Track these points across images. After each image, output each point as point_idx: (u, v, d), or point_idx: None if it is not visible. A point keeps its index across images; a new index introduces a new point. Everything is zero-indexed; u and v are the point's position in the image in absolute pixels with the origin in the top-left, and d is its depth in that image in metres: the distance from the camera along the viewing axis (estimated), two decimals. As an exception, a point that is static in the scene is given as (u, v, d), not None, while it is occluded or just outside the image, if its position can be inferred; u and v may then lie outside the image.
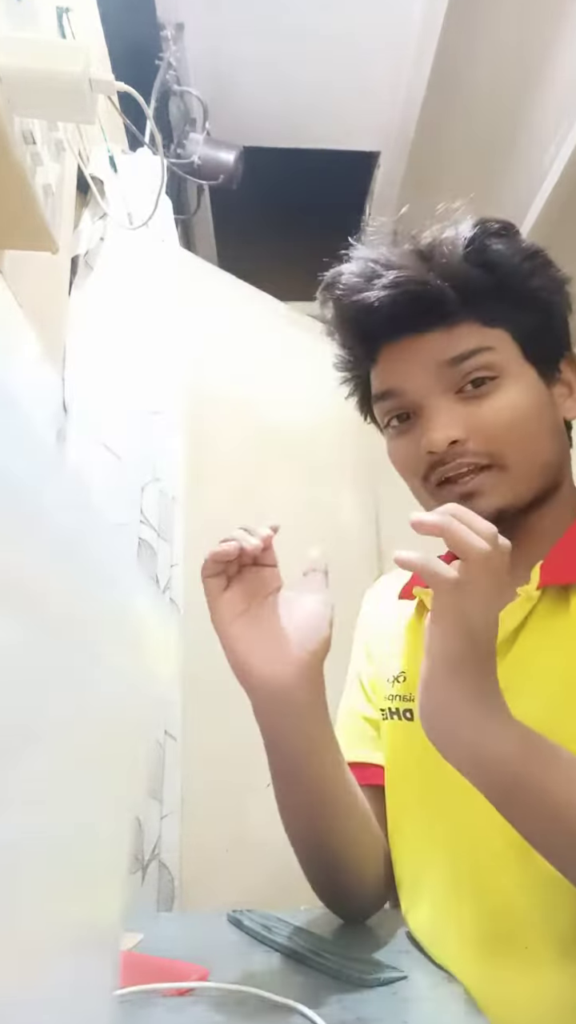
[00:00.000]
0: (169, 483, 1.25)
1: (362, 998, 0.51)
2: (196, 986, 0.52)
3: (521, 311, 0.64)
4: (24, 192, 0.75)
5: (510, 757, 0.47)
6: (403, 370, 0.65)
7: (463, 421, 0.61)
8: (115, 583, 0.25)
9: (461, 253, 0.63)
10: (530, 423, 0.62)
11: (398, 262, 0.63)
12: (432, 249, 0.64)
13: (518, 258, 0.65)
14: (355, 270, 0.65)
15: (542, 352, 0.65)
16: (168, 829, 1.16)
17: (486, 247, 0.63)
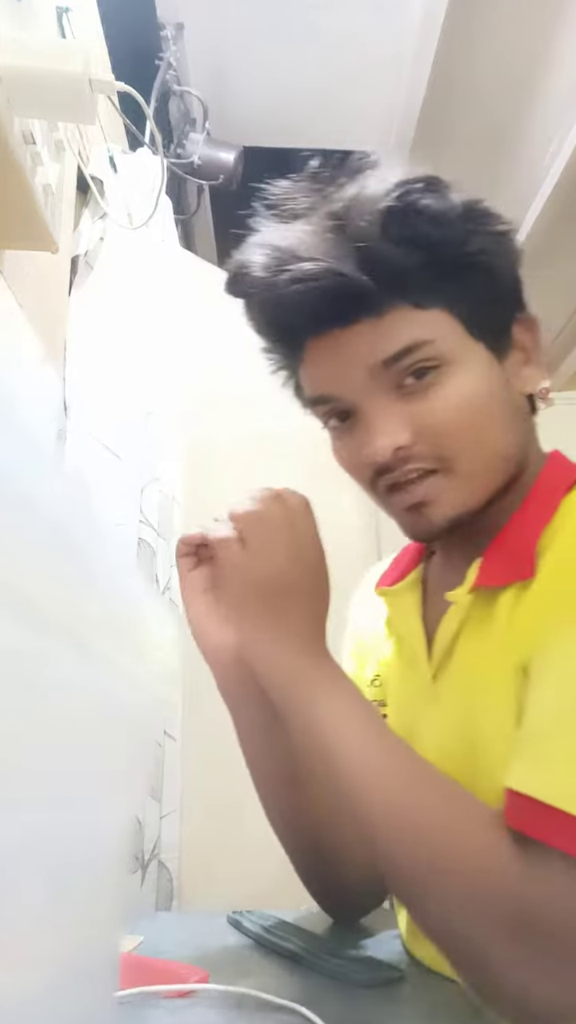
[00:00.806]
0: (169, 483, 1.25)
1: (362, 999, 0.51)
2: (196, 988, 0.52)
3: (460, 283, 0.55)
4: (24, 192, 0.75)
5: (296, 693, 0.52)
6: (333, 373, 0.57)
7: (407, 422, 0.55)
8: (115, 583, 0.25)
9: (379, 230, 0.53)
10: (482, 414, 0.56)
11: (308, 249, 0.53)
12: (347, 225, 0.54)
13: (449, 221, 0.55)
14: (261, 261, 0.55)
15: (489, 323, 0.57)
16: (168, 829, 1.16)
17: (410, 217, 0.54)
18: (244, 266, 0.57)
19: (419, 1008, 0.52)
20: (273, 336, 0.62)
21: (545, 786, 0.44)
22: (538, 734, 0.48)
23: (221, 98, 1.80)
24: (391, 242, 0.53)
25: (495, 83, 1.71)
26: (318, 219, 0.56)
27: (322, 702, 0.52)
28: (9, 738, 0.18)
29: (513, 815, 0.45)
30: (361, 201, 0.54)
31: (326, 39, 1.68)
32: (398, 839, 0.48)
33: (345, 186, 0.56)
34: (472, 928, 0.44)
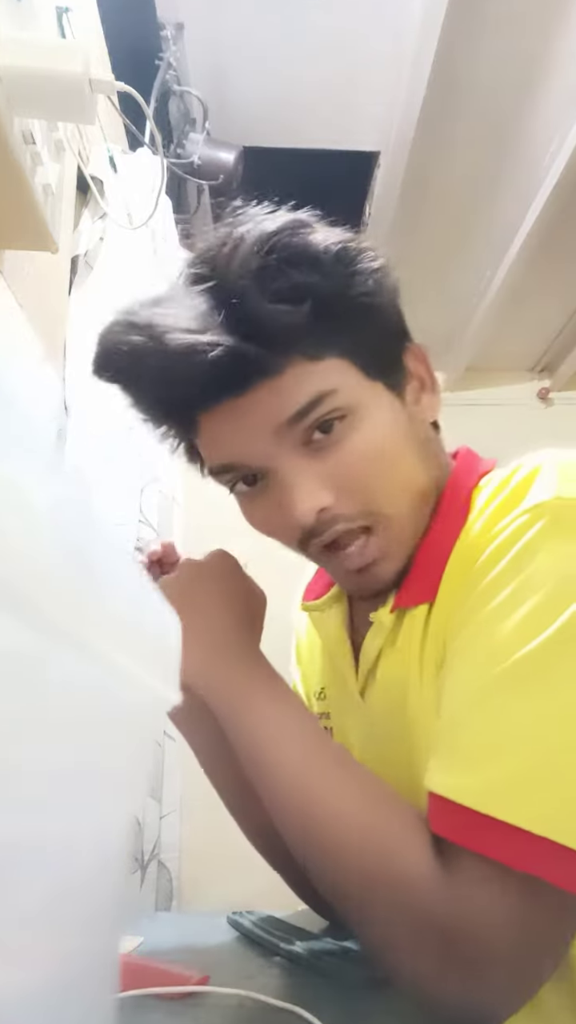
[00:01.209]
0: (169, 483, 1.25)
1: (361, 1000, 0.51)
2: (196, 990, 0.52)
3: (349, 328, 0.53)
4: (24, 192, 0.75)
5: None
6: (235, 440, 0.53)
7: (325, 480, 0.52)
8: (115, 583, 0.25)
9: (257, 291, 0.50)
10: (396, 457, 0.54)
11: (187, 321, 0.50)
12: (222, 287, 0.51)
13: (326, 267, 0.52)
14: (136, 341, 0.51)
15: (383, 361, 0.56)
16: (167, 829, 1.16)
17: (285, 271, 0.51)
18: (113, 350, 0.53)
19: (419, 1009, 0.52)
20: (160, 415, 0.59)
21: (461, 788, 0.43)
22: (448, 731, 0.47)
23: (221, 98, 1.80)
24: (273, 300, 0.50)
25: (495, 83, 1.71)
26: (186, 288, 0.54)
27: (255, 708, 0.53)
28: (8, 738, 0.18)
29: (435, 819, 0.45)
30: (233, 261, 0.51)
31: (326, 39, 1.68)
32: (325, 846, 0.47)
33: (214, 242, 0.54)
34: (400, 936, 0.44)
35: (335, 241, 0.53)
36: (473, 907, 0.42)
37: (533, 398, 2.89)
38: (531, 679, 0.43)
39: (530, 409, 2.87)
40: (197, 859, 1.25)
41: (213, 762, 0.67)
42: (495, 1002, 0.42)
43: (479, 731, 0.44)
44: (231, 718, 0.54)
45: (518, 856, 0.40)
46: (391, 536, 0.55)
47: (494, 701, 0.44)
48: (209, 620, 0.57)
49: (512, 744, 0.42)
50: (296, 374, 0.51)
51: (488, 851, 0.41)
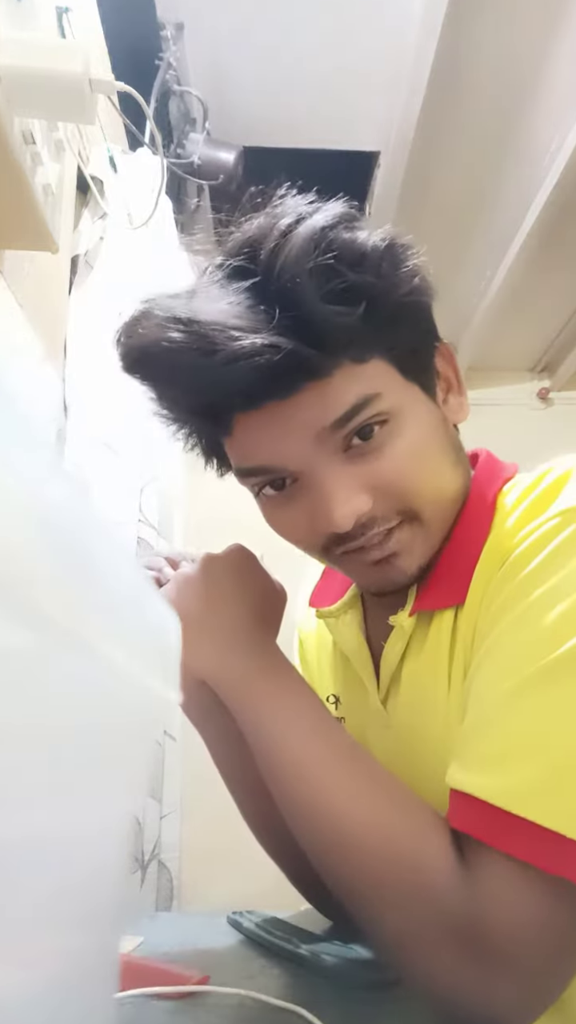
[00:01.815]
0: (169, 482, 1.25)
1: (362, 1000, 0.51)
2: (196, 990, 0.52)
3: (394, 330, 0.52)
4: (24, 192, 0.75)
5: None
6: (272, 443, 0.51)
7: (363, 485, 0.51)
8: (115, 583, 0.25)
9: (314, 291, 0.48)
10: (434, 460, 0.54)
11: (235, 317, 0.47)
12: (271, 286, 0.48)
13: (377, 266, 0.51)
14: (178, 339, 0.48)
15: (420, 362, 0.55)
16: (168, 829, 1.16)
17: (339, 271, 0.49)
18: (152, 346, 0.49)
19: (419, 1009, 0.52)
20: (190, 413, 0.57)
21: (489, 786, 0.42)
22: (476, 729, 0.46)
23: (221, 98, 1.80)
24: (328, 301, 0.48)
25: (495, 83, 1.71)
26: (224, 283, 0.51)
27: (269, 703, 0.53)
28: (8, 738, 0.18)
29: (456, 815, 0.44)
30: (282, 257, 0.48)
31: (326, 39, 1.68)
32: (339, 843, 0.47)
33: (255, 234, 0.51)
34: (417, 935, 0.43)
35: (383, 237, 0.52)
36: (496, 907, 0.41)
37: (533, 398, 2.89)
38: (563, 680, 0.42)
39: (530, 409, 2.87)
40: (197, 859, 1.25)
41: (226, 757, 0.67)
42: (514, 1005, 0.41)
43: (509, 731, 0.44)
44: (245, 712, 0.54)
45: (546, 857, 0.40)
46: (416, 533, 0.54)
47: (525, 701, 0.43)
48: (225, 614, 0.57)
49: (542, 745, 0.42)
50: (343, 377, 0.50)
51: (515, 851, 0.41)
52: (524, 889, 0.41)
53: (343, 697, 0.69)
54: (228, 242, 0.53)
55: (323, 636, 0.73)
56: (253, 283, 0.49)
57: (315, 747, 0.50)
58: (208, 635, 0.56)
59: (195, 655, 0.55)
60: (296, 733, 0.51)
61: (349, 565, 0.56)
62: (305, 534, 0.55)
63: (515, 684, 0.44)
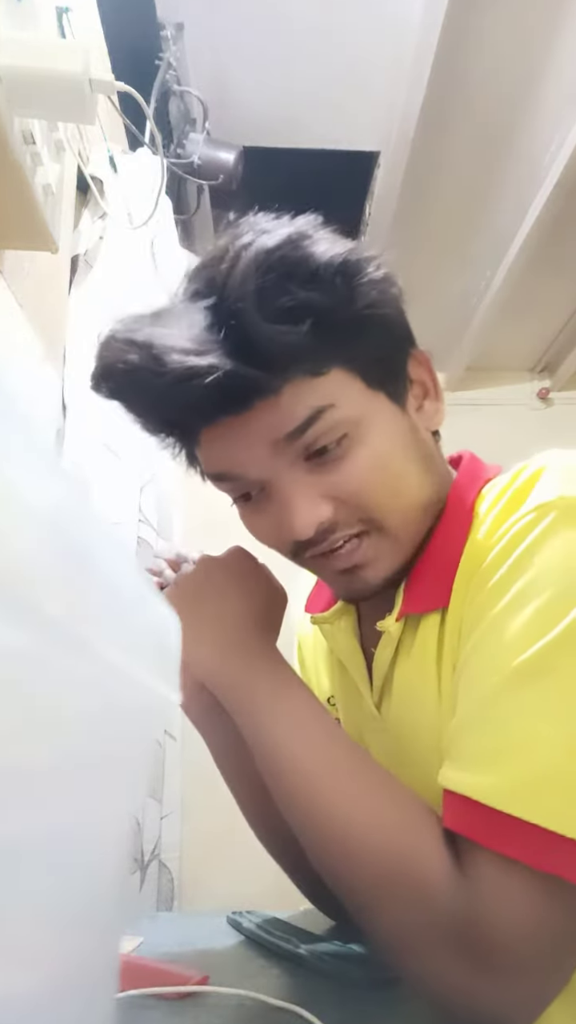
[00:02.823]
0: (169, 482, 1.25)
1: (362, 1000, 0.51)
2: (196, 990, 0.52)
3: (353, 342, 0.52)
4: (24, 192, 0.75)
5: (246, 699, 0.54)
6: (233, 454, 0.53)
7: (324, 493, 0.52)
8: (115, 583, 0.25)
9: (258, 311, 0.48)
10: (398, 471, 0.54)
11: (185, 342, 0.49)
12: (221, 307, 0.50)
13: (328, 282, 0.50)
14: (134, 360, 0.49)
15: (385, 370, 0.55)
16: (168, 829, 1.16)
17: (286, 290, 0.49)
18: (112, 367, 0.51)
19: (419, 1009, 0.52)
20: (160, 428, 0.59)
21: (479, 786, 0.43)
22: (463, 728, 0.46)
23: (221, 98, 1.80)
24: (273, 321, 0.48)
25: (495, 83, 1.71)
26: (186, 304, 0.52)
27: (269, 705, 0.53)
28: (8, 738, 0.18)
29: (452, 817, 0.44)
30: (231, 278, 0.49)
31: (326, 39, 1.68)
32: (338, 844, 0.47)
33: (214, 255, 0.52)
34: (414, 935, 0.44)
35: (337, 253, 0.51)
36: (491, 907, 0.41)
37: (533, 398, 2.89)
38: (545, 676, 0.43)
39: (530, 409, 2.87)
40: (197, 859, 1.25)
41: (227, 757, 0.67)
42: (511, 1003, 0.41)
43: (495, 729, 0.44)
44: (245, 715, 0.54)
45: (539, 855, 0.40)
46: (383, 543, 0.54)
47: (509, 699, 0.44)
48: (225, 616, 0.58)
49: (529, 742, 0.42)
50: (295, 391, 0.50)
51: (508, 850, 0.41)
52: (517, 888, 0.41)
53: (340, 700, 0.70)
54: (196, 259, 0.54)
55: (319, 640, 0.74)
56: (208, 305, 0.51)
57: (314, 748, 0.51)
58: (208, 637, 0.56)
59: (195, 657, 0.55)
60: (296, 735, 0.51)
61: (320, 571, 0.59)
62: (275, 541, 0.57)
63: (497, 682, 0.44)
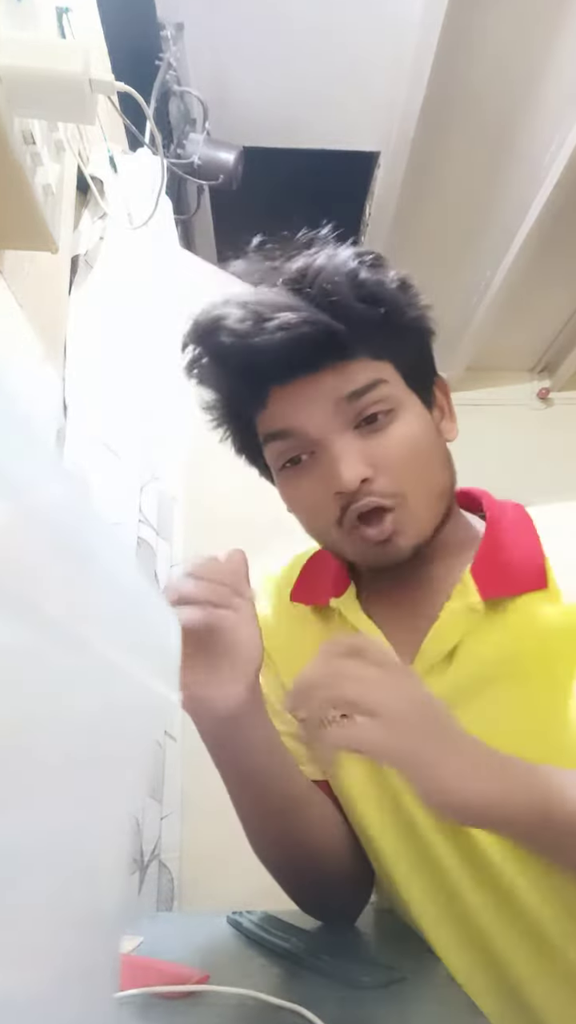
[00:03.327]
0: (169, 483, 1.25)
1: (362, 1000, 0.51)
2: (196, 989, 0.52)
3: (402, 342, 0.65)
4: (24, 192, 0.75)
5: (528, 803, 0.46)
6: (298, 410, 0.62)
7: (368, 458, 0.61)
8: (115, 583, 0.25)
9: (348, 289, 0.61)
10: (426, 453, 0.63)
11: (284, 302, 0.60)
12: (314, 285, 0.61)
13: (395, 290, 0.64)
14: (238, 315, 0.60)
15: (421, 380, 0.66)
16: (168, 829, 1.16)
17: (369, 280, 0.62)
18: (220, 319, 0.61)
19: (420, 1009, 0.52)
20: (237, 385, 0.66)
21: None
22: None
23: (221, 98, 1.80)
24: (357, 300, 0.61)
25: (495, 83, 1.71)
26: (282, 284, 0.62)
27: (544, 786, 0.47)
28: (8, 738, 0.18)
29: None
30: (323, 268, 0.61)
31: (326, 39, 1.68)
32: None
33: (293, 259, 0.63)
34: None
35: (398, 274, 0.65)
36: None
37: (533, 398, 2.89)
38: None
39: (530, 409, 2.87)
40: (197, 859, 1.25)
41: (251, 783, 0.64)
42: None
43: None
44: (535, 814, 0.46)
45: None
46: (407, 516, 0.62)
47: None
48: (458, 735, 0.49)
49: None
50: (359, 366, 0.62)
51: None
52: None
53: None
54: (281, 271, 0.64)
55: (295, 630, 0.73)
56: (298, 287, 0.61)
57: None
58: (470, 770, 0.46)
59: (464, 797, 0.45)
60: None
61: (354, 542, 0.63)
62: (319, 499, 0.63)
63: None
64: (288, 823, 0.65)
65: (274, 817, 0.64)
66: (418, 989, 0.55)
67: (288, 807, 0.64)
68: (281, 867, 0.68)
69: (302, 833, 0.66)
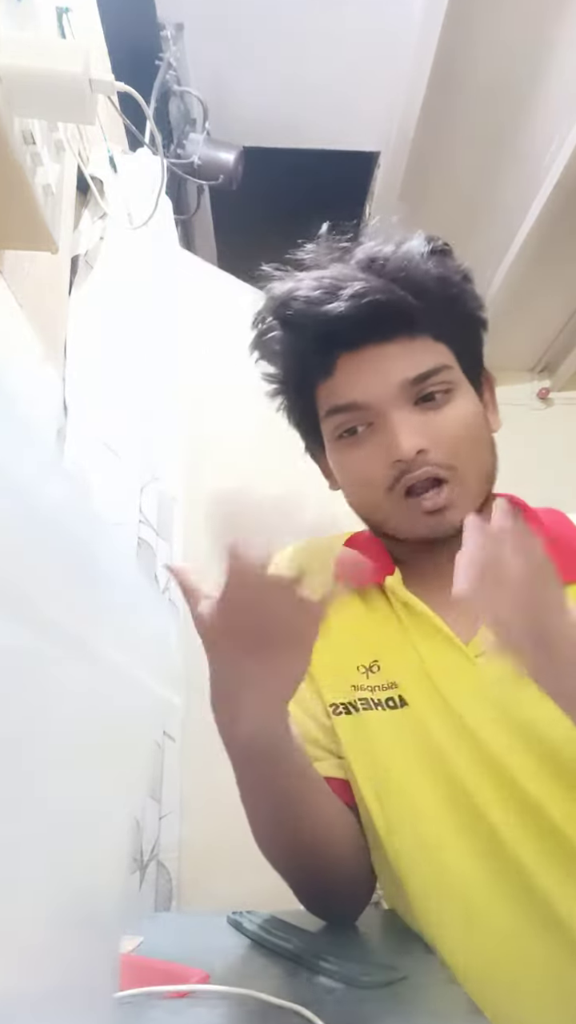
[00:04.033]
0: (169, 483, 1.25)
1: (362, 1000, 0.51)
2: (196, 989, 0.52)
3: (463, 329, 0.68)
4: (24, 192, 0.75)
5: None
6: (366, 383, 0.65)
7: (425, 431, 0.64)
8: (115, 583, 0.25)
9: (420, 268, 0.65)
10: (478, 434, 0.67)
11: (357, 275, 0.64)
12: (388, 262, 0.65)
13: (462, 278, 0.68)
14: (312, 284, 0.65)
15: (473, 369, 0.69)
16: (167, 829, 1.16)
17: (439, 264, 0.66)
18: (294, 290, 0.66)
19: (420, 1010, 0.52)
20: (307, 352, 0.68)
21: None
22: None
23: (221, 98, 1.80)
24: (430, 278, 0.65)
25: (495, 83, 1.71)
26: (355, 263, 0.66)
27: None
28: (9, 738, 0.18)
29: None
30: (398, 249, 0.66)
31: (326, 39, 1.68)
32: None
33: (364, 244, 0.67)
34: None
35: (464, 265, 0.70)
36: None
37: (533, 398, 2.89)
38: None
39: (530, 409, 2.87)
40: (197, 859, 1.25)
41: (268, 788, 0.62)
42: None
43: None
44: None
45: None
46: (460, 490, 0.65)
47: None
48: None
49: None
50: (425, 344, 0.65)
51: None
52: None
53: (389, 659, 0.69)
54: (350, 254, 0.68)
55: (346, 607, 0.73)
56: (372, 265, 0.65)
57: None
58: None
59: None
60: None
61: (406, 510, 0.65)
62: (375, 468, 0.65)
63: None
64: (300, 829, 0.64)
65: (287, 824, 0.64)
66: (418, 989, 0.54)
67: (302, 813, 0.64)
68: (289, 867, 0.68)
69: (312, 835, 0.65)
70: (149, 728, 0.30)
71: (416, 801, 0.65)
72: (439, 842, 0.64)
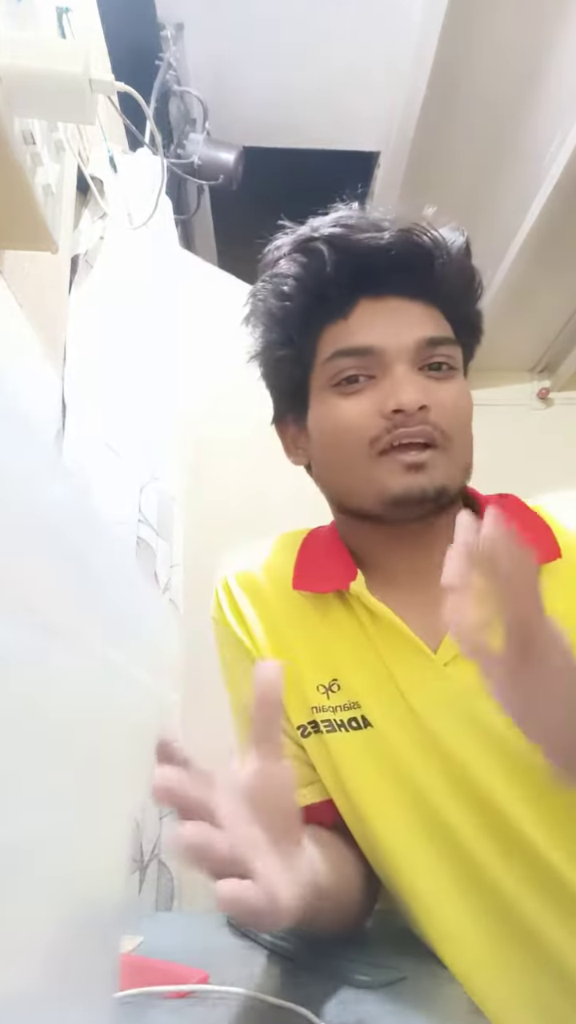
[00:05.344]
0: (169, 482, 1.25)
1: (362, 1000, 0.51)
2: (196, 989, 0.52)
3: (470, 322, 0.72)
4: (24, 192, 0.75)
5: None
6: (384, 330, 0.66)
7: (428, 393, 0.65)
8: (115, 583, 0.25)
9: (453, 246, 0.68)
10: (467, 414, 0.68)
11: (399, 227, 0.66)
12: (426, 233, 0.67)
13: (479, 281, 0.72)
14: (356, 215, 0.67)
15: (466, 364, 0.72)
16: (168, 829, 1.16)
17: (467, 255, 0.70)
18: (339, 218, 0.67)
19: (420, 1009, 0.52)
20: (329, 285, 0.67)
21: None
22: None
23: (221, 98, 1.80)
24: (463, 263, 0.69)
25: (495, 83, 1.71)
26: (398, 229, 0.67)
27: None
28: (9, 738, 0.18)
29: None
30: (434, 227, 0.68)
31: (326, 39, 1.68)
32: None
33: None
34: None
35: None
36: None
37: (533, 398, 2.88)
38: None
39: (530, 409, 2.87)
40: (197, 859, 1.25)
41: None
42: None
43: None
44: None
45: None
46: (444, 459, 0.64)
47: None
48: None
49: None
50: (440, 316, 0.68)
51: None
52: None
53: (355, 679, 0.66)
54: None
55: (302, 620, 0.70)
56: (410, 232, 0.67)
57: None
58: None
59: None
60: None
61: (384, 464, 0.64)
62: (366, 417, 0.64)
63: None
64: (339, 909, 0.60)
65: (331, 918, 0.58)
66: (418, 989, 0.54)
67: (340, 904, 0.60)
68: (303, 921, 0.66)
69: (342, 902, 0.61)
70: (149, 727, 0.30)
71: (385, 824, 0.63)
72: (411, 863, 0.62)
